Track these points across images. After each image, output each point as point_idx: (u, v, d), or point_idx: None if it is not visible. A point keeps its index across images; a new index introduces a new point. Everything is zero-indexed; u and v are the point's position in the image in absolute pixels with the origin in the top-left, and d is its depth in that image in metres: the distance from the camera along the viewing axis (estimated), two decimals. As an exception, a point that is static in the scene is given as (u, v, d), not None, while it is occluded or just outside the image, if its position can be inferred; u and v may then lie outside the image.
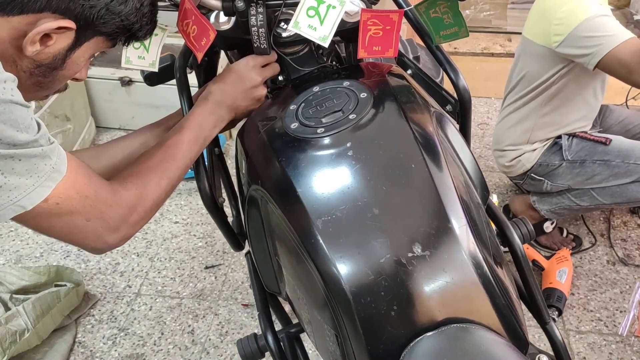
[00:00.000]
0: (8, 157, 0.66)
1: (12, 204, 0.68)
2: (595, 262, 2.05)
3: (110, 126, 2.83)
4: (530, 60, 1.82)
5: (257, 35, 0.95)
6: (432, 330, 0.73)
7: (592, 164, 1.82)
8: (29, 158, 0.68)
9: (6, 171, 0.66)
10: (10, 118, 0.65)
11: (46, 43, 0.74)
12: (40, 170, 0.69)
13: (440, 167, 0.80)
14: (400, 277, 0.73)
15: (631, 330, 1.79)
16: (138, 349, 1.80)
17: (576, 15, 1.60)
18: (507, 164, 1.99)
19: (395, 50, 0.98)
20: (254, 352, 1.07)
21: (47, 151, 0.70)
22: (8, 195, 0.67)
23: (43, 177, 0.69)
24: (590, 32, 1.59)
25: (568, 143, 1.87)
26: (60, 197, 0.72)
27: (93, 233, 0.77)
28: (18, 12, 0.71)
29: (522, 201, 2.12)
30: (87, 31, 0.77)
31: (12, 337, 1.61)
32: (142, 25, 0.83)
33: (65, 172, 0.72)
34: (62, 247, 2.16)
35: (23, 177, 0.67)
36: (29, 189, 0.68)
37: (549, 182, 1.92)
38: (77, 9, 0.74)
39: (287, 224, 0.79)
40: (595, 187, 1.83)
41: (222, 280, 2.03)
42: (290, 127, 0.88)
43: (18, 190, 0.67)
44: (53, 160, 0.71)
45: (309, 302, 0.84)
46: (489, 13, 3.56)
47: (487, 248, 0.79)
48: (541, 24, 1.72)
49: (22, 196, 0.68)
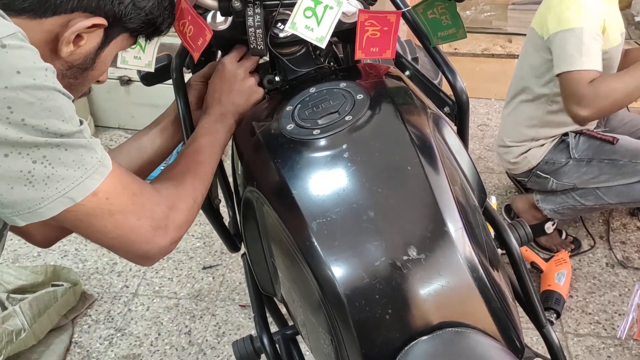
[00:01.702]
0: (55, 146, 0.64)
1: (60, 195, 0.66)
2: (594, 264, 2.04)
3: (109, 125, 2.83)
4: (532, 51, 1.82)
5: (254, 35, 0.95)
6: (427, 334, 0.72)
7: (600, 162, 1.82)
8: (75, 148, 0.66)
9: (53, 161, 0.65)
10: (55, 105, 0.64)
11: (78, 43, 0.76)
12: (87, 163, 0.68)
13: (437, 169, 0.79)
14: (395, 280, 0.72)
15: (630, 333, 1.78)
16: (135, 349, 1.79)
17: (568, 19, 1.63)
18: (513, 160, 1.97)
19: (393, 52, 0.97)
20: (250, 354, 1.06)
21: (93, 144, 0.69)
22: (57, 187, 0.65)
23: (91, 169, 0.68)
24: (567, 43, 1.63)
25: (575, 141, 1.86)
26: (110, 192, 0.70)
27: (145, 235, 0.75)
28: (51, 13, 0.72)
29: (525, 200, 2.11)
30: (115, 28, 0.79)
31: (8, 336, 1.61)
32: (165, 19, 0.85)
33: (111, 168, 0.71)
34: (59, 246, 2.15)
35: (71, 169, 0.66)
36: (78, 181, 0.67)
37: (555, 180, 1.91)
38: (107, 6, 0.75)
39: (282, 225, 0.79)
40: (601, 187, 1.82)
41: (219, 281, 2.02)
42: (286, 129, 0.87)
43: (66, 181, 0.66)
44: (99, 154, 0.70)
45: (303, 304, 0.83)
46: (490, 14, 3.56)
47: (483, 251, 0.78)
48: (543, 15, 1.74)
49: (70, 188, 0.66)
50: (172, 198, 0.81)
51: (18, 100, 0.61)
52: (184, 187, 0.84)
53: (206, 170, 0.91)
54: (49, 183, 0.65)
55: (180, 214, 0.81)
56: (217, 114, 0.98)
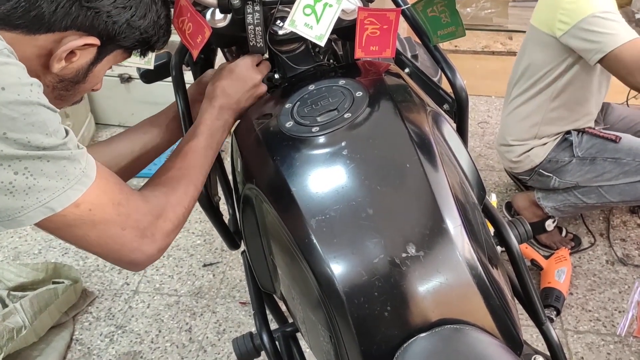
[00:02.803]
0: (36, 158, 0.65)
1: (40, 205, 0.67)
2: (594, 261, 2.04)
3: (109, 123, 2.83)
4: (536, 49, 1.80)
5: (254, 33, 0.95)
6: (425, 331, 0.72)
7: (603, 161, 1.82)
8: (58, 160, 0.67)
9: (35, 173, 0.66)
10: (38, 120, 0.65)
11: (70, 59, 0.76)
12: (70, 174, 0.68)
13: (436, 166, 0.79)
14: (394, 277, 0.72)
15: (629, 330, 1.78)
16: (135, 346, 1.80)
17: (582, 8, 1.59)
18: (515, 159, 1.97)
19: (393, 51, 0.97)
20: (250, 351, 1.06)
21: (77, 155, 0.70)
22: (37, 197, 0.66)
23: (73, 180, 0.69)
24: (594, 27, 1.57)
25: (578, 139, 1.86)
26: (93, 204, 0.71)
27: (130, 243, 0.76)
28: (44, 30, 0.73)
29: (525, 198, 2.11)
30: (109, 46, 0.80)
31: (9, 334, 1.61)
32: (160, 37, 0.85)
33: (94, 178, 0.71)
34: (60, 244, 2.16)
35: (53, 180, 0.67)
36: (59, 191, 0.68)
37: (557, 178, 1.91)
38: (101, 26, 0.76)
39: (281, 223, 0.79)
40: (604, 185, 1.82)
41: (220, 278, 2.02)
42: (285, 126, 0.87)
43: (47, 192, 0.67)
44: (82, 165, 0.70)
45: (303, 302, 0.84)
46: (490, 11, 3.55)
47: (482, 248, 0.78)
48: (548, 12, 1.71)
49: (51, 198, 0.67)
50: (161, 207, 0.81)
51: (1, 116, 0.62)
52: (175, 194, 0.84)
53: (200, 173, 0.91)
54: (30, 193, 0.66)
55: (169, 223, 0.81)
56: (220, 106, 0.97)
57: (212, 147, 0.95)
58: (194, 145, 0.92)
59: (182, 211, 0.84)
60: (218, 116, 0.97)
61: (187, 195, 0.86)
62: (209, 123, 0.96)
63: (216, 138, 0.96)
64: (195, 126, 0.96)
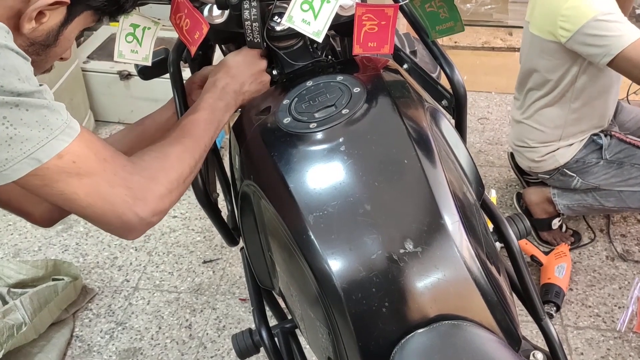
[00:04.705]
0: (14, 106, 0.64)
1: (26, 156, 0.65)
2: (594, 257, 2.04)
3: (109, 120, 2.83)
4: (543, 57, 1.77)
5: (251, 29, 0.94)
6: (423, 327, 0.72)
7: (631, 167, 1.82)
8: (37, 109, 0.66)
9: (15, 122, 0.64)
10: (8, 64, 0.64)
11: (40, 20, 0.75)
12: (52, 123, 0.67)
13: (433, 162, 0.79)
14: (392, 273, 0.72)
15: (629, 326, 1.78)
16: (135, 343, 1.80)
17: (583, 13, 1.56)
18: (538, 159, 1.94)
19: (391, 47, 0.97)
20: (249, 347, 1.07)
21: (56, 106, 0.68)
22: (21, 148, 0.65)
23: (57, 130, 0.67)
24: (598, 31, 1.55)
25: (607, 142, 1.86)
26: (78, 156, 0.69)
27: (122, 204, 0.73)
28: None
29: (539, 193, 2.08)
30: (78, 5, 0.78)
31: (9, 331, 1.61)
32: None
33: (79, 131, 0.70)
34: (60, 240, 2.16)
35: (34, 129, 0.65)
36: (43, 141, 0.66)
37: (580, 179, 1.89)
38: None
39: (279, 219, 0.79)
40: (626, 190, 1.83)
41: (220, 275, 2.02)
42: (282, 122, 0.87)
43: (30, 142, 0.65)
44: (64, 116, 0.69)
45: (301, 298, 0.84)
46: (490, 7, 3.55)
47: (480, 244, 0.78)
48: (546, 20, 1.69)
49: (35, 148, 0.65)
50: (152, 169, 0.79)
51: None
52: (167, 159, 0.82)
53: (198, 144, 0.88)
54: (12, 144, 0.64)
55: (161, 186, 0.79)
56: (222, 87, 0.95)
57: (214, 123, 0.92)
58: (193, 118, 0.90)
59: (175, 176, 0.81)
60: (220, 96, 0.95)
61: (180, 162, 0.83)
62: (211, 101, 0.93)
63: (217, 116, 0.93)
64: (196, 104, 0.94)
